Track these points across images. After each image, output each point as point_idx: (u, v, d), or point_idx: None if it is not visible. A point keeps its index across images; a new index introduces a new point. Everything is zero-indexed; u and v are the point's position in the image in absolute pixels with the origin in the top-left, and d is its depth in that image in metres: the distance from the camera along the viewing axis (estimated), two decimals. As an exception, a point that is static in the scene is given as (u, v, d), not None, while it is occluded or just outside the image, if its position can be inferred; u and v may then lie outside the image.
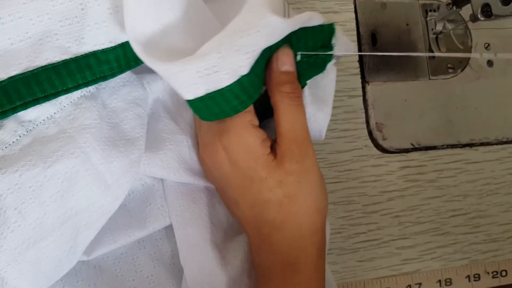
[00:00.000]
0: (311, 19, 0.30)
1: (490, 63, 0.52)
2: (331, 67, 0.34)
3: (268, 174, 0.30)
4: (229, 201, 0.34)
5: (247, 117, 0.30)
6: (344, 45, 0.34)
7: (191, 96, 0.28)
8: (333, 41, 0.32)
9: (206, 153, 0.32)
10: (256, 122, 0.31)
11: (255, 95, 0.30)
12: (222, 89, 0.28)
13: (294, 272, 0.31)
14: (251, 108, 0.30)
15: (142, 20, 0.28)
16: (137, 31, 0.28)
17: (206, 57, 0.26)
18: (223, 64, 0.27)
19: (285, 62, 0.30)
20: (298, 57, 0.31)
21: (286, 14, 0.30)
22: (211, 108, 0.29)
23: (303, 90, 0.32)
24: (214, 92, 0.28)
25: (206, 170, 0.34)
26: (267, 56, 0.30)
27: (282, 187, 0.30)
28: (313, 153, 0.32)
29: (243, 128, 0.30)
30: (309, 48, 0.31)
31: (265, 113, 0.33)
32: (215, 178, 0.34)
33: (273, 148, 0.31)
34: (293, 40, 0.31)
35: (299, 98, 0.31)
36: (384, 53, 0.48)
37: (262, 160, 0.30)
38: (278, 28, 0.28)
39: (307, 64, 0.32)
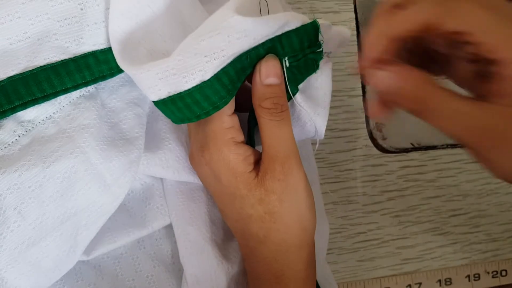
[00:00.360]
0: (288, 22, 0.28)
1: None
2: (324, 63, 0.32)
3: (248, 192, 0.29)
4: (219, 210, 0.34)
5: (230, 134, 0.29)
6: (337, 35, 0.32)
7: (155, 98, 0.28)
8: (320, 37, 0.30)
9: (193, 163, 0.32)
10: (240, 138, 0.30)
11: (220, 105, 0.28)
12: (181, 92, 0.27)
13: (280, 284, 0.31)
14: (235, 122, 0.30)
15: (120, 16, 0.28)
16: (117, 30, 0.28)
17: (167, 59, 0.26)
18: (181, 67, 0.26)
19: (269, 74, 0.28)
20: (287, 63, 0.29)
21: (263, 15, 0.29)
22: (173, 112, 0.28)
23: (295, 97, 0.31)
24: (175, 95, 0.27)
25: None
26: (241, 67, 0.28)
27: (262, 204, 0.29)
28: (299, 170, 0.30)
29: (224, 145, 0.29)
30: (296, 50, 0.30)
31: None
32: (205, 186, 0.34)
33: (258, 164, 0.30)
34: (278, 48, 0.29)
35: (282, 113, 0.29)
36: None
37: (243, 178, 0.29)
38: (242, 29, 0.26)
39: (297, 68, 0.30)
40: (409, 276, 0.48)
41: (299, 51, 0.30)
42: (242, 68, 0.28)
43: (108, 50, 0.29)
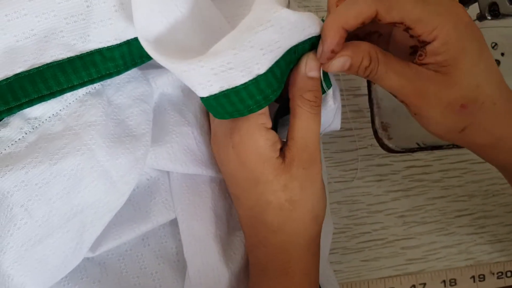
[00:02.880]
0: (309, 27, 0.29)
1: (497, 62, 0.52)
2: None
3: (274, 177, 0.30)
4: (232, 196, 0.34)
5: (261, 119, 0.30)
6: None
7: (205, 94, 0.28)
8: None
9: (216, 147, 0.33)
10: (270, 124, 0.31)
11: (272, 97, 0.29)
12: (237, 87, 0.27)
13: (286, 275, 0.31)
14: (266, 110, 0.30)
15: (149, 17, 0.28)
16: (145, 29, 0.28)
17: (220, 54, 0.26)
18: (238, 61, 0.26)
19: (313, 67, 0.30)
20: None
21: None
22: (224, 106, 0.28)
23: (329, 90, 0.33)
24: (229, 90, 0.27)
25: (216, 161, 0.35)
26: (289, 61, 0.30)
27: (285, 191, 0.30)
28: (320, 162, 0.32)
29: (255, 129, 0.30)
30: None
31: (286, 110, 0.33)
32: (222, 172, 0.34)
33: (282, 151, 0.31)
34: (316, 44, 0.30)
35: (318, 108, 0.31)
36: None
37: (271, 163, 0.30)
38: (290, 23, 0.27)
39: None
40: (413, 277, 0.48)
41: None
42: (290, 61, 0.30)
43: (115, 47, 0.29)
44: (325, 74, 0.31)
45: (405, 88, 0.30)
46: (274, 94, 0.29)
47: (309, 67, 0.30)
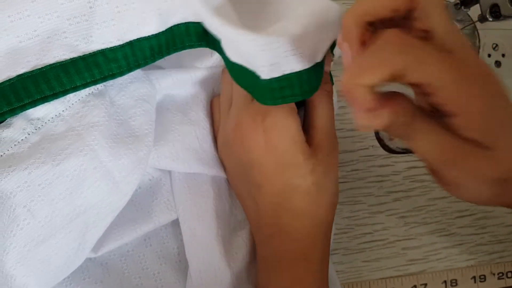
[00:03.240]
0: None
1: (497, 63, 0.52)
2: None
3: (304, 160, 0.31)
4: (249, 187, 0.34)
5: (292, 104, 0.31)
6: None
7: (269, 75, 0.28)
8: None
9: (239, 133, 0.32)
10: (296, 110, 0.32)
11: (314, 90, 0.30)
12: (301, 71, 0.28)
13: (305, 261, 0.32)
14: None
15: None
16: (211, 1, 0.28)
17: (296, 36, 0.27)
18: (308, 46, 0.27)
19: (327, 62, 0.31)
20: (337, 56, 0.33)
21: None
22: (284, 90, 0.29)
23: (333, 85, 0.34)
24: (291, 73, 0.28)
25: (226, 154, 0.35)
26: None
27: (313, 175, 0.31)
28: (337, 151, 0.34)
29: (290, 113, 0.31)
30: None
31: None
32: (237, 162, 0.34)
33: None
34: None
35: (332, 98, 0.33)
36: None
37: (302, 146, 0.31)
38: (339, 22, 0.28)
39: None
40: (414, 277, 0.48)
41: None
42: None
43: (117, 48, 0.30)
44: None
45: (439, 157, 0.25)
46: (317, 87, 0.30)
47: (326, 61, 0.31)
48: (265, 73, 0.28)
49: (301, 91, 0.29)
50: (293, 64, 0.28)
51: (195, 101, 0.36)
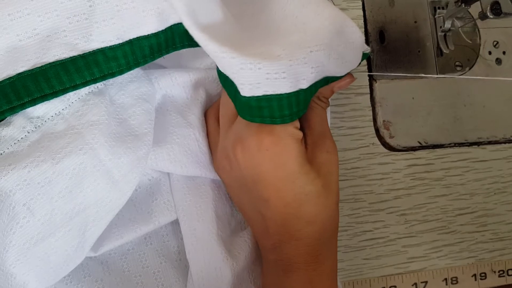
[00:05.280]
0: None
1: (498, 60, 0.52)
2: None
3: (311, 165, 0.32)
4: (253, 201, 0.33)
5: (295, 123, 0.31)
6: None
7: (247, 93, 0.29)
8: None
9: (240, 149, 0.32)
10: (298, 124, 0.32)
11: (301, 113, 0.31)
12: (282, 94, 0.28)
13: (318, 263, 0.32)
14: None
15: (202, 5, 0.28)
16: (199, 16, 0.28)
17: (279, 61, 0.27)
18: (292, 72, 0.28)
19: (341, 86, 0.34)
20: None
21: None
22: (262, 110, 0.29)
23: None
24: (273, 95, 0.28)
25: (225, 169, 0.34)
26: (321, 85, 0.31)
27: (320, 177, 0.32)
28: (336, 147, 0.34)
29: (291, 126, 0.31)
30: None
31: None
32: (238, 178, 0.33)
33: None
34: None
35: (327, 103, 0.35)
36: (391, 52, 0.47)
37: (304, 154, 0.32)
38: (340, 51, 0.29)
39: None
40: (415, 275, 0.47)
41: None
42: (321, 85, 0.31)
43: (117, 47, 0.30)
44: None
45: None
46: (303, 110, 0.31)
47: (339, 85, 0.34)
48: (245, 91, 0.28)
49: (280, 115, 0.29)
50: (275, 87, 0.28)
51: (194, 103, 0.36)
